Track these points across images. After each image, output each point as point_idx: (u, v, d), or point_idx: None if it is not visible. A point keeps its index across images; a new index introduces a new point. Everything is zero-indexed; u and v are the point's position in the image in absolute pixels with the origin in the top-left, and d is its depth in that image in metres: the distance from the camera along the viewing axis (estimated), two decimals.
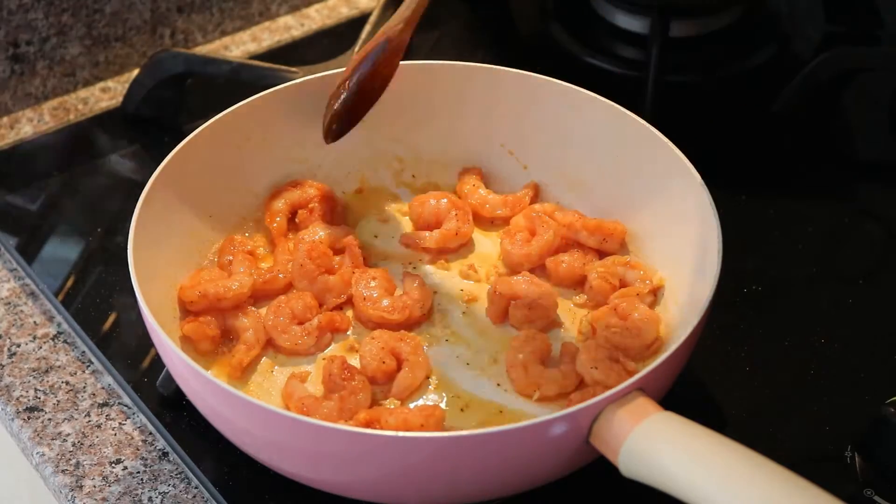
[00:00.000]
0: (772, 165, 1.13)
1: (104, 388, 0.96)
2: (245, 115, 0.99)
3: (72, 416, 0.93)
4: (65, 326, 1.00)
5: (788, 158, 1.14)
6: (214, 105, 1.00)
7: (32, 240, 1.07)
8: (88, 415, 0.93)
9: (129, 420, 0.93)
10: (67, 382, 0.96)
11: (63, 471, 0.89)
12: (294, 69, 1.11)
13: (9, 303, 1.02)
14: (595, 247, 0.98)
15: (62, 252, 1.06)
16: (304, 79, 1.02)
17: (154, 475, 0.89)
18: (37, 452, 0.91)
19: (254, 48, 1.28)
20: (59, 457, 0.90)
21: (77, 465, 0.90)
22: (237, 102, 0.99)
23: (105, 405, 0.94)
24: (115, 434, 0.92)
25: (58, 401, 0.94)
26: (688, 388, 0.88)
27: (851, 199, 1.11)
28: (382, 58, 0.97)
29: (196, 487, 0.88)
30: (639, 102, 1.12)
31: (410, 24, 0.98)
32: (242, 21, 1.30)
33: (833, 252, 1.05)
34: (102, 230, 1.07)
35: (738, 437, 0.74)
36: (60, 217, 1.10)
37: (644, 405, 0.77)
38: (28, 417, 0.93)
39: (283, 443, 0.81)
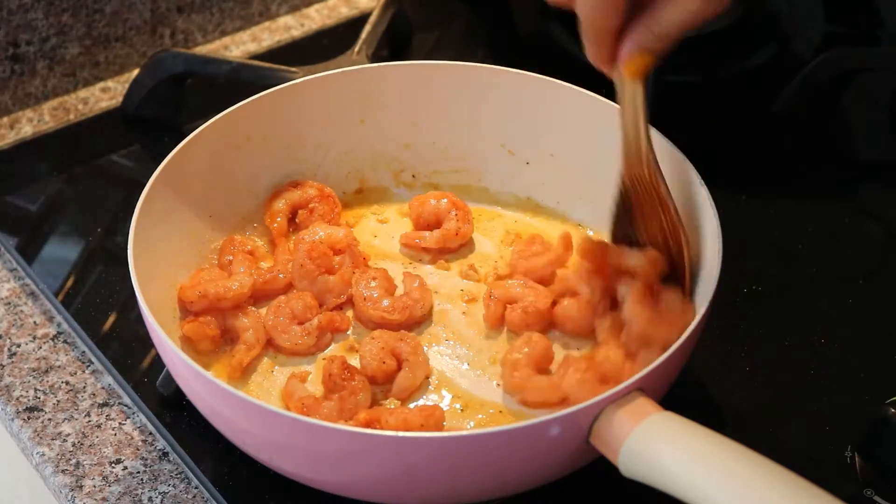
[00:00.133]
0: (772, 165, 1.13)
1: (104, 388, 0.95)
2: (245, 115, 0.99)
3: (72, 416, 0.93)
4: (65, 326, 1.00)
5: (788, 158, 1.14)
6: (214, 105, 1.00)
7: (32, 240, 1.07)
8: (88, 415, 0.93)
9: (129, 420, 0.93)
10: (67, 382, 0.96)
11: (63, 471, 0.89)
12: (294, 69, 1.10)
13: (9, 303, 1.02)
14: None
15: (62, 252, 1.06)
16: (304, 79, 1.02)
17: (154, 475, 0.89)
18: (37, 452, 0.91)
19: (254, 48, 1.28)
20: (59, 457, 0.90)
21: (77, 465, 0.90)
22: (237, 102, 0.99)
23: (105, 405, 0.94)
24: (115, 434, 0.92)
25: (58, 401, 0.94)
26: (688, 388, 0.88)
27: (851, 199, 1.11)
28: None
29: (196, 487, 0.88)
30: None
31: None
32: (242, 21, 1.30)
33: (833, 252, 1.05)
34: (102, 230, 1.07)
35: (738, 437, 0.74)
36: (60, 217, 1.10)
37: (644, 405, 0.77)
38: (28, 417, 0.93)
39: (283, 443, 0.81)
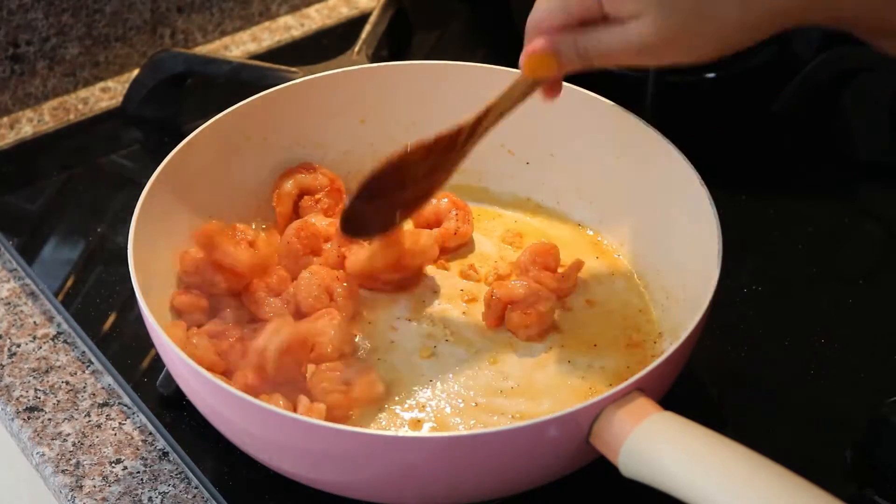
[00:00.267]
0: (772, 165, 1.13)
1: (104, 388, 0.95)
2: (245, 115, 0.99)
3: (72, 416, 0.93)
4: (65, 326, 1.00)
5: (788, 158, 1.14)
6: (214, 105, 1.00)
7: (32, 240, 1.07)
8: (88, 415, 0.93)
9: (129, 420, 0.93)
10: (67, 382, 0.96)
11: (63, 471, 0.89)
12: (294, 69, 1.10)
13: (9, 303, 1.02)
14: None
15: (62, 252, 1.06)
16: (304, 79, 1.02)
17: (154, 475, 0.89)
18: (37, 452, 0.91)
19: (254, 48, 1.28)
20: (59, 457, 0.90)
21: (77, 465, 0.90)
22: (237, 102, 0.99)
23: (105, 405, 0.94)
24: (115, 434, 0.92)
25: (58, 401, 0.94)
26: (688, 388, 0.88)
27: (851, 199, 1.11)
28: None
29: (196, 487, 0.88)
30: (639, 102, 1.12)
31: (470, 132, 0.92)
32: (242, 21, 1.30)
33: (833, 252, 1.05)
34: (102, 230, 1.07)
35: (738, 437, 0.74)
36: (60, 217, 1.10)
37: (644, 405, 0.77)
38: (28, 417, 0.93)
39: (283, 443, 0.81)
